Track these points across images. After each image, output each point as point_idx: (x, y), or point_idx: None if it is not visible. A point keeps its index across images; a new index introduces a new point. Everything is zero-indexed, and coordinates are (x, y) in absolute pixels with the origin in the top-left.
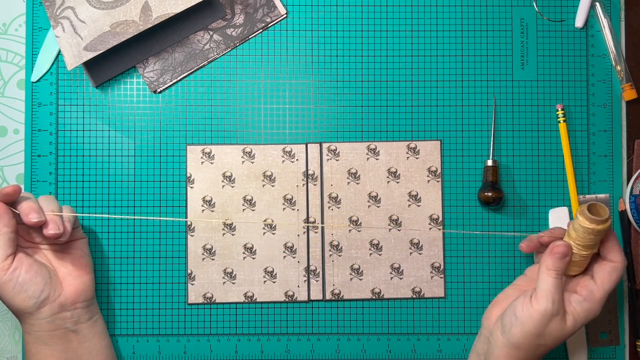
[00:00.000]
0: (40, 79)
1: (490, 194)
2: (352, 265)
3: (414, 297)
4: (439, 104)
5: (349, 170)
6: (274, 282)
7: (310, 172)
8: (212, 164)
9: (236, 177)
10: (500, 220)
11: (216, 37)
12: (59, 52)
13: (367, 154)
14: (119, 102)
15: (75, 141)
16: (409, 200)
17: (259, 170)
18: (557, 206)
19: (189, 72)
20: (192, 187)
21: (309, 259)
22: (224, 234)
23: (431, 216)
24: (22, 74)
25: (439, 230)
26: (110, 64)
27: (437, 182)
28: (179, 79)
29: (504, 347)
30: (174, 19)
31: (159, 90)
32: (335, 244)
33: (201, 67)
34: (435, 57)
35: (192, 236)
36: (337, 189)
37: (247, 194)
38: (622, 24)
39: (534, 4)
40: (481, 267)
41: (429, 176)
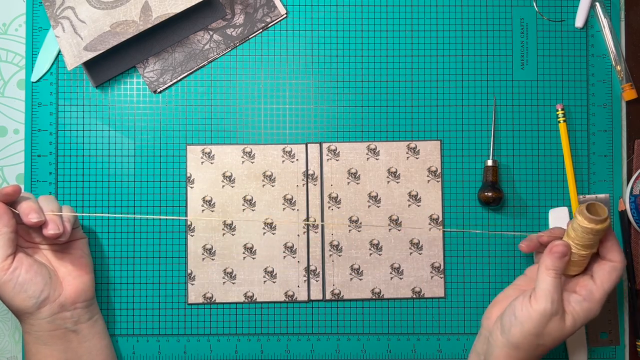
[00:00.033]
0: (40, 79)
1: (490, 194)
2: (352, 265)
3: (414, 297)
4: (439, 104)
5: (349, 170)
6: (274, 282)
7: (310, 172)
8: (212, 164)
9: (236, 177)
10: (500, 220)
11: (216, 37)
12: (59, 52)
13: (367, 154)
14: (119, 102)
15: (75, 141)
16: (409, 200)
17: (259, 170)
18: (557, 206)
19: (189, 72)
20: (192, 187)
21: (309, 259)
22: (224, 234)
23: (431, 216)
24: (22, 74)
25: (439, 230)
26: (110, 64)
27: (437, 182)
28: (179, 79)
29: (503, 347)
30: (174, 19)
31: (159, 90)
32: (335, 244)
33: (201, 67)
34: (435, 57)
35: (192, 236)
36: (337, 189)
37: (247, 194)
38: (622, 24)
39: (534, 4)
40: (481, 267)
41: (429, 176)
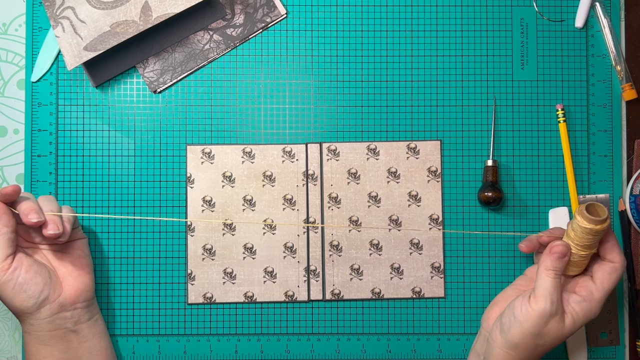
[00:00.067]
0: (40, 79)
1: (490, 194)
2: (352, 265)
3: (414, 297)
4: (439, 104)
5: (349, 170)
6: (274, 282)
7: (310, 172)
8: (212, 164)
9: (236, 177)
10: (500, 220)
11: (216, 37)
12: (59, 52)
13: (367, 154)
14: (119, 102)
15: (75, 141)
16: (409, 200)
17: (259, 170)
18: (557, 206)
19: (189, 72)
20: (192, 187)
21: (309, 259)
22: (224, 234)
23: (431, 216)
24: (22, 74)
25: (439, 230)
26: (110, 64)
27: (437, 182)
28: (179, 79)
29: (502, 346)
30: (174, 19)
31: (159, 90)
32: (335, 244)
33: (201, 67)
34: (435, 57)
35: (192, 236)
36: (337, 189)
37: (247, 194)
38: (622, 24)
39: (534, 4)
40: (481, 267)
41: (429, 176)
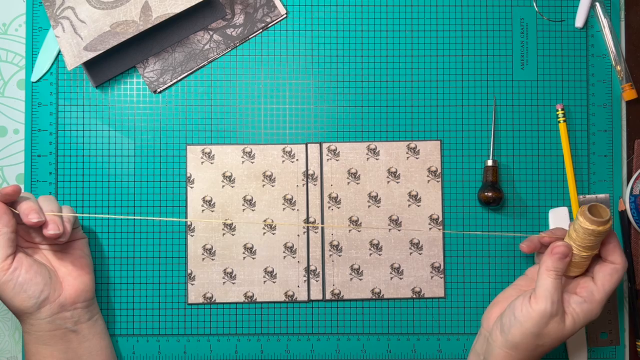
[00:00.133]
0: (40, 79)
1: (490, 194)
2: (352, 265)
3: (414, 297)
4: (439, 104)
5: (349, 170)
6: (274, 282)
7: (310, 172)
8: (212, 164)
9: (236, 177)
10: (500, 220)
11: (216, 37)
12: (59, 52)
13: (367, 154)
14: (119, 102)
15: (75, 141)
16: (409, 200)
17: (259, 170)
18: (557, 206)
19: (189, 72)
20: (192, 187)
21: (309, 259)
22: (224, 234)
23: (431, 216)
24: (22, 74)
25: (439, 230)
26: (110, 64)
27: (437, 182)
28: (179, 79)
29: (502, 346)
30: (174, 19)
31: (159, 90)
32: (335, 244)
33: (201, 67)
34: (435, 57)
35: (192, 236)
36: (337, 189)
37: (247, 194)
38: (622, 24)
39: (534, 4)
40: (481, 267)
41: (429, 176)
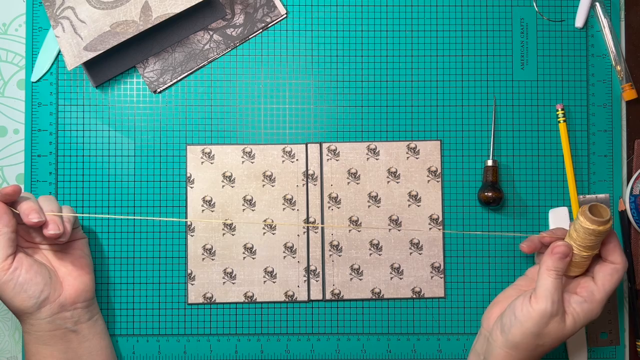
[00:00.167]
0: (40, 79)
1: (490, 194)
2: (352, 265)
3: (414, 297)
4: (439, 104)
5: (349, 170)
6: (274, 282)
7: (310, 172)
8: (212, 164)
9: (236, 177)
10: (500, 220)
11: (216, 37)
12: (59, 52)
13: (367, 154)
14: (119, 102)
15: (75, 141)
16: (409, 200)
17: (259, 170)
18: (557, 206)
19: (189, 72)
20: (192, 187)
21: (309, 259)
22: (224, 234)
23: (431, 216)
24: (22, 74)
25: (439, 230)
26: (110, 64)
27: (437, 182)
28: (179, 79)
29: (503, 346)
30: (174, 19)
31: (159, 90)
32: (335, 244)
33: (201, 67)
34: (435, 57)
35: (192, 236)
36: (337, 189)
37: (247, 194)
38: (622, 24)
39: (534, 4)
40: (481, 267)
41: (429, 176)
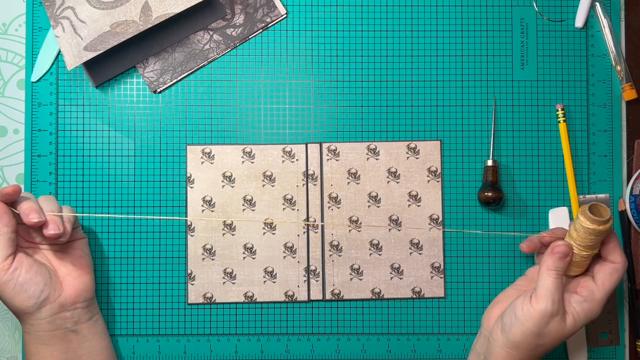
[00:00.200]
0: (40, 79)
1: (490, 194)
2: (352, 265)
3: (414, 297)
4: (439, 104)
5: (349, 170)
6: (274, 282)
7: (310, 172)
8: (212, 164)
9: (236, 177)
10: (500, 220)
11: (216, 37)
12: (59, 52)
13: (367, 154)
14: (119, 102)
15: (75, 141)
16: (409, 200)
17: (259, 170)
18: (557, 206)
19: (189, 72)
20: (192, 187)
21: (309, 259)
22: (224, 234)
23: (431, 216)
24: (22, 74)
25: (439, 230)
26: (110, 64)
27: (437, 182)
28: (179, 79)
29: (503, 346)
30: (174, 19)
31: (159, 90)
32: (335, 244)
33: (201, 67)
34: (435, 57)
35: (192, 236)
36: (337, 189)
37: (247, 194)
38: (622, 24)
39: (534, 4)
40: (481, 267)
41: (429, 176)
